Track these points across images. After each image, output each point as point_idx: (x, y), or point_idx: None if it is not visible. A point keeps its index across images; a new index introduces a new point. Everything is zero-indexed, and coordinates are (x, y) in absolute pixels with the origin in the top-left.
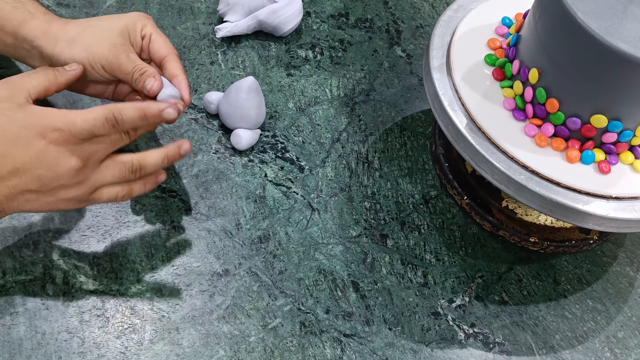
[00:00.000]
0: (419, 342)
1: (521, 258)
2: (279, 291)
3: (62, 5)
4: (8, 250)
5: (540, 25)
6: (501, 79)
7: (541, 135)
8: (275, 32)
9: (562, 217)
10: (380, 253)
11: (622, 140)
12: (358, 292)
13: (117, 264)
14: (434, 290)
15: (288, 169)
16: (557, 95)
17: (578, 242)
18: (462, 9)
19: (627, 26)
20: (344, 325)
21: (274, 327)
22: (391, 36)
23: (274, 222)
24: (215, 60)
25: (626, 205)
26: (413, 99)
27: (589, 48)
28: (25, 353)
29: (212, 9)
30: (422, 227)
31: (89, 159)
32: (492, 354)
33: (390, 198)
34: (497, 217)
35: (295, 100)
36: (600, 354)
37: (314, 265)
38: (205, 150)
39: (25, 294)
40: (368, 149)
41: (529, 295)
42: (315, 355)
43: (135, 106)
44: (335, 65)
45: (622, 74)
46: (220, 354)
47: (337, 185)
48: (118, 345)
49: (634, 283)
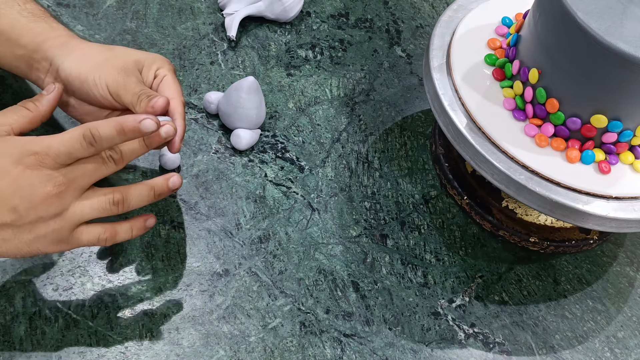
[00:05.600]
0: (419, 342)
1: (521, 258)
2: (279, 291)
3: (62, 5)
4: None
5: (540, 25)
6: (501, 79)
7: (541, 135)
8: (279, 19)
9: (562, 217)
10: (380, 253)
11: (622, 140)
12: (358, 292)
13: (117, 264)
14: (434, 290)
15: (288, 169)
16: (557, 95)
17: (578, 242)
18: (462, 9)
19: (627, 26)
20: (344, 325)
21: (274, 327)
22: (391, 36)
23: (274, 222)
24: (215, 60)
25: (626, 205)
26: (413, 99)
27: (589, 48)
28: (25, 353)
29: (212, 9)
30: (422, 227)
31: (68, 186)
32: (492, 354)
33: (390, 198)
34: (497, 217)
35: (295, 100)
36: (600, 354)
37: (314, 265)
38: (205, 150)
39: (26, 294)
40: (368, 149)
41: (529, 295)
42: (315, 355)
43: (112, 120)
44: (335, 65)
45: (622, 74)
46: (220, 354)
47: (337, 185)
48: (118, 345)
49: (634, 283)
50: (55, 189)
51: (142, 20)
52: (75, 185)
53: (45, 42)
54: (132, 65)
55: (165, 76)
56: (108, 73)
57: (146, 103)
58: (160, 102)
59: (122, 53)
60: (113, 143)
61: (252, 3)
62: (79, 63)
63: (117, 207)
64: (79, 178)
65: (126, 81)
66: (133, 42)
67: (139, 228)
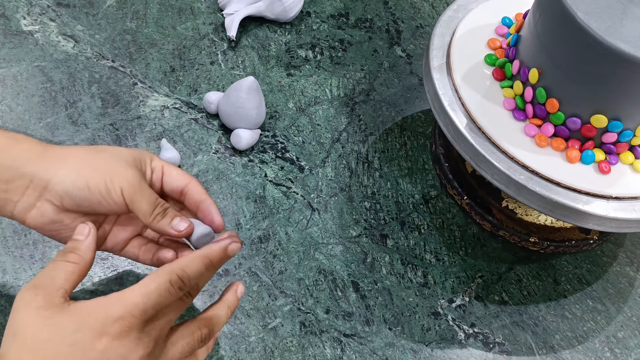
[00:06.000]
0: (419, 342)
1: (521, 258)
2: (279, 291)
3: (62, 5)
4: (8, 250)
5: (540, 25)
6: (501, 79)
7: (541, 135)
8: (279, 19)
9: (562, 217)
10: (380, 253)
11: (622, 140)
12: (358, 292)
13: (117, 264)
14: (434, 290)
15: (288, 169)
16: (557, 95)
17: (578, 242)
18: (462, 9)
19: (627, 26)
20: (344, 325)
21: (274, 327)
22: (391, 36)
23: (274, 222)
24: (215, 60)
25: (626, 205)
26: (413, 99)
27: (589, 48)
28: None
29: (212, 9)
30: (422, 227)
31: (157, 340)
32: (492, 354)
33: (390, 198)
34: (497, 217)
35: (295, 100)
36: (600, 354)
37: (314, 265)
38: (205, 150)
39: None
40: (368, 149)
41: (529, 295)
42: (315, 355)
43: (197, 256)
44: (335, 65)
45: (622, 74)
46: (220, 354)
47: (337, 185)
48: None
49: (634, 283)
50: (147, 349)
51: (142, 20)
52: (162, 334)
53: (17, 157)
54: (136, 164)
55: (164, 166)
56: (120, 174)
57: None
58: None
59: (118, 151)
60: (202, 280)
61: (252, 3)
62: (79, 170)
63: (204, 343)
64: (165, 327)
65: (141, 183)
66: (133, 42)
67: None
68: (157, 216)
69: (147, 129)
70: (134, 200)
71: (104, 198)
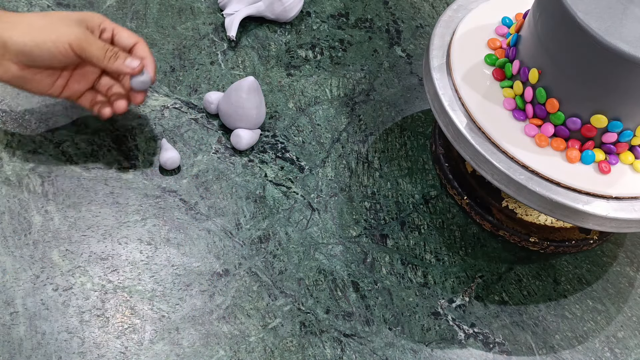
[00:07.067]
0: (419, 342)
1: (521, 258)
2: (279, 291)
3: (62, 5)
4: (8, 250)
5: (540, 25)
6: (501, 79)
7: (541, 135)
8: (279, 19)
9: (562, 217)
10: (380, 253)
11: (622, 140)
12: (358, 292)
13: (117, 264)
14: (434, 290)
15: (288, 169)
16: (557, 95)
17: (578, 242)
18: (462, 9)
19: (627, 26)
20: (344, 325)
21: (274, 327)
22: (391, 36)
23: (274, 222)
24: (215, 60)
25: (626, 205)
26: (413, 99)
27: (589, 48)
28: (25, 353)
29: (212, 9)
30: (422, 227)
31: None
32: (492, 354)
33: (390, 198)
34: (497, 217)
35: (295, 100)
36: (600, 354)
37: (314, 265)
38: (205, 150)
39: (25, 294)
40: (368, 149)
41: (529, 295)
42: (315, 355)
43: None
44: (335, 65)
45: (622, 74)
46: (220, 354)
47: (337, 185)
48: (118, 345)
49: (634, 283)
50: None
51: (142, 20)
52: None
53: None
54: (84, 23)
55: (114, 28)
56: (69, 32)
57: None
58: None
59: (64, 14)
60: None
61: (252, 3)
62: (28, 32)
63: None
64: None
65: (86, 35)
66: None
67: None
68: (111, 59)
69: (147, 129)
70: (83, 48)
71: (54, 55)
